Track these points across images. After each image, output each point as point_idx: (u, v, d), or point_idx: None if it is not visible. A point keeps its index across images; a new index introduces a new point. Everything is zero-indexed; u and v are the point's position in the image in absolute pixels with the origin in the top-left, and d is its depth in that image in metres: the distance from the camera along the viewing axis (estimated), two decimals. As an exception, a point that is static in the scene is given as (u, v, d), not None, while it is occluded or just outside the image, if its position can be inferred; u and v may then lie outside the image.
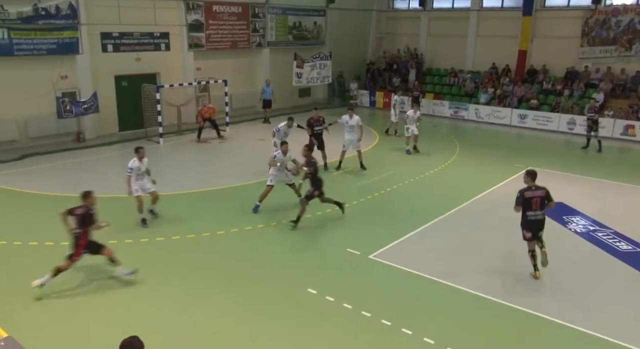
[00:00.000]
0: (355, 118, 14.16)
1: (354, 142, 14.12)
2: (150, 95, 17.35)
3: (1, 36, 14.94)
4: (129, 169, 9.88)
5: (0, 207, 11.16)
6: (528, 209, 8.22)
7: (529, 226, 8.29)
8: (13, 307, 7.24)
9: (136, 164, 9.91)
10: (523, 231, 8.38)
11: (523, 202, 8.18)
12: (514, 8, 23.45)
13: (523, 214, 8.28)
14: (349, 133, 14.11)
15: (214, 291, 7.84)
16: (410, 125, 16.00)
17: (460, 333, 6.87)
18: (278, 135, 13.28)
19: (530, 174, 8.38)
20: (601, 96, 20.04)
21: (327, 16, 25.25)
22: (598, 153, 17.08)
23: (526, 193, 8.22)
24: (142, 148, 10.13)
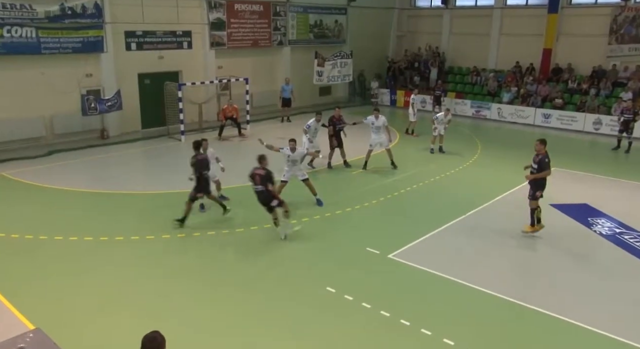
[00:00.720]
0: (382, 119, 14.14)
1: (382, 142, 14.11)
2: (172, 93, 17.56)
3: (29, 35, 15.29)
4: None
5: (27, 202, 11.41)
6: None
7: (545, 186, 9.55)
8: (39, 300, 7.41)
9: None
10: (541, 191, 9.51)
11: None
12: (539, 5, 23.03)
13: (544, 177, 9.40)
14: (376, 133, 14.10)
15: (233, 288, 7.88)
16: (438, 125, 15.87)
17: (480, 335, 6.78)
18: (309, 132, 13.54)
19: (543, 142, 9.66)
20: (629, 95, 19.54)
21: (348, 14, 25.18)
22: (625, 154, 16.66)
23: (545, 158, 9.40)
24: (204, 140, 10.93)
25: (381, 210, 11.31)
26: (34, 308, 7.14)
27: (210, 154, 10.84)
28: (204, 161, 10.16)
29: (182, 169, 14.44)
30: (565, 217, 10.96)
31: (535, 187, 9.61)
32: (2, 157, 14.68)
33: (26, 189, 12.30)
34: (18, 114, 15.61)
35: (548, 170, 9.40)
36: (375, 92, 25.62)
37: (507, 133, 20.10)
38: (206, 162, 10.21)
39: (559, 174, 14.18)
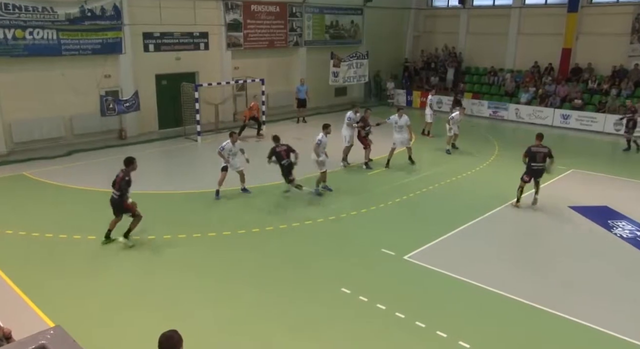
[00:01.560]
0: (404, 118, 14.41)
1: (404, 141, 14.48)
2: (189, 94, 17.71)
3: (50, 37, 15.57)
4: (221, 148, 11.72)
5: (48, 202, 11.62)
6: (533, 160, 10.96)
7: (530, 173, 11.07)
8: (59, 297, 7.54)
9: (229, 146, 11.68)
10: (524, 175, 11.11)
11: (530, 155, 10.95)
12: (559, 4, 22.69)
13: (528, 164, 11.00)
14: (398, 133, 14.38)
15: (249, 288, 7.92)
16: (453, 125, 15.98)
17: (497, 338, 6.70)
18: (350, 123, 14.25)
19: (538, 137, 11.25)
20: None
21: (365, 15, 25.12)
22: (638, 153, 16.51)
23: (532, 148, 11.00)
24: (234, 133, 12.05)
25: (397, 211, 11.26)
26: (54, 305, 7.27)
27: (237, 146, 11.82)
28: (281, 152, 11.38)
29: (197, 169, 14.60)
30: (584, 220, 10.78)
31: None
32: (23, 157, 14.97)
33: (46, 188, 12.51)
34: (38, 115, 15.89)
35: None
36: (392, 92, 25.51)
37: (525, 134, 19.81)
38: (282, 153, 11.40)
39: (578, 175, 13.97)
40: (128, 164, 9.13)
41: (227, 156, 11.72)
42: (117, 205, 9.07)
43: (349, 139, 14.30)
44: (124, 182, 8.95)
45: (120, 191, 8.95)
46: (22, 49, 15.14)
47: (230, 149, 11.73)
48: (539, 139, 11.16)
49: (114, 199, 9.07)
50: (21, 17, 14.90)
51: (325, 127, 12.24)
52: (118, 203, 9.04)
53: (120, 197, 8.98)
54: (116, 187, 8.97)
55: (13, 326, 4.84)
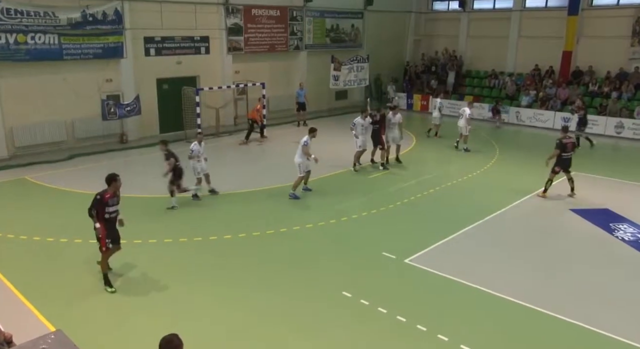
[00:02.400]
0: (398, 116, 14.85)
1: (395, 138, 14.80)
2: (190, 97, 17.75)
3: (52, 41, 15.63)
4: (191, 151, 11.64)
5: (49, 206, 11.63)
6: (564, 151, 11.76)
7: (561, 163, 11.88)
8: (60, 302, 7.53)
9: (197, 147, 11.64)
10: (555, 167, 11.92)
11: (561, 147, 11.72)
12: (559, 8, 22.75)
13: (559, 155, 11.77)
14: (391, 130, 14.72)
15: (248, 292, 7.91)
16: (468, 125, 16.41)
17: (498, 342, 6.69)
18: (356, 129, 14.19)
19: (565, 129, 12.38)
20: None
21: (365, 18, 25.18)
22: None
23: (564, 140, 11.81)
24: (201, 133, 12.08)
25: (398, 214, 11.26)
26: (55, 309, 7.27)
27: (203, 146, 11.84)
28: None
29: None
30: (586, 223, 10.77)
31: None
32: (24, 161, 15.00)
33: (47, 192, 12.53)
34: (40, 119, 15.94)
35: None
36: (392, 96, 25.54)
37: (525, 137, 19.84)
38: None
39: (579, 178, 13.93)
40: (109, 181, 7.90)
41: (196, 158, 11.66)
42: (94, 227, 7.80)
43: (360, 143, 14.28)
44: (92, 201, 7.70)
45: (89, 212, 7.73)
46: (24, 53, 15.19)
47: (199, 151, 11.70)
48: (565, 131, 12.24)
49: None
50: (23, 22, 14.97)
51: (312, 131, 12.15)
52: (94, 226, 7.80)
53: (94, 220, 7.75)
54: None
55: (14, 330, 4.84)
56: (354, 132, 14.24)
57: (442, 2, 27.46)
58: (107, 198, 7.72)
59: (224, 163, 15.90)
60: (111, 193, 7.81)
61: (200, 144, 11.78)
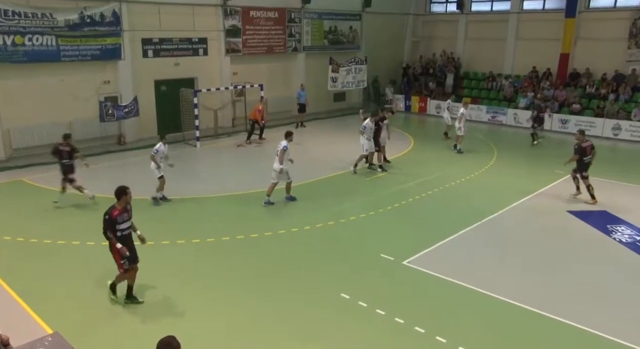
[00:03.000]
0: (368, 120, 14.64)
1: (383, 139, 14.61)
2: (188, 99, 17.75)
3: (50, 43, 15.60)
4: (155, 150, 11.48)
5: (46, 208, 11.58)
6: (584, 155, 11.75)
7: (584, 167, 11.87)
8: (58, 304, 7.51)
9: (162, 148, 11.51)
10: (582, 172, 11.88)
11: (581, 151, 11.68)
12: (556, 10, 22.81)
13: (580, 159, 11.73)
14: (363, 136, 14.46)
15: (247, 293, 7.90)
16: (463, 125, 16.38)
17: (496, 343, 6.69)
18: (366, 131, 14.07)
19: (582, 133, 12.07)
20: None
21: (363, 20, 25.21)
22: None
23: (583, 144, 11.72)
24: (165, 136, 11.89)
25: (396, 216, 11.26)
26: (52, 311, 7.24)
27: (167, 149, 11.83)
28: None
29: (196, 174, 14.60)
30: (583, 225, 10.79)
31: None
32: (22, 162, 14.96)
33: (45, 194, 12.49)
34: (37, 120, 15.89)
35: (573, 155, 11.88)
36: (390, 98, 25.58)
37: (523, 139, 19.85)
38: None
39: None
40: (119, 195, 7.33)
41: (159, 160, 11.51)
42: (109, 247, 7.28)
43: (367, 147, 14.14)
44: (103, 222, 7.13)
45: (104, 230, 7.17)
46: (22, 55, 15.16)
47: (164, 152, 11.62)
48: (583, 134, 11.98)
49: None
50: (21, 24, 14.95)
51: (288, 135, 11.58)
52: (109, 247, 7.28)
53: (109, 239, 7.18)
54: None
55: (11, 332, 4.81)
56: (365, 136, 14.02)
57: (440, 4, 27.52)
58: (115, 215, 7.08)
59: (222, 164, 15.92)
60: (120, 209, 7.15)
61: (165, 146, 11.65)
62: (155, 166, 11.51)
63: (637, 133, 19.01)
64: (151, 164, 11.57)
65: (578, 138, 11.93)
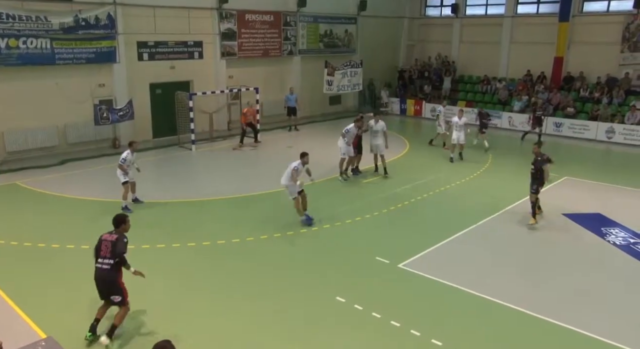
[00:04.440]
0: (380, 123, 14.28)
1: (379, 147, 14.23)
2: (184, 102, 17.72)
3: (44, 46, 15.55)
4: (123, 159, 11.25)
5: (40, 211, 11.54)
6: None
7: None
8: (52, 308, 7.47)
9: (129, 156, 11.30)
10: (539, 187, 10.85)
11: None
12: (550, 14, 22.97)
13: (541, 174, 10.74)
14: (374, 138, 14.27)
15: (243, 297, 7.88)
16: (458, 132, 15.84)
17: (492, 346, 6.70)
18: (348, 135, 13.74)
19: (538, 145, 11.17)
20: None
21: (359, 24, 25.29)
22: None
23: (544, 156, 10.81)
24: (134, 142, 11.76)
25: (391, 219, 11.27)
26: (46, 316, 7.20)
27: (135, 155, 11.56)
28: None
29: (190, 178, 14.57)
30: (578, 227, 10.83)
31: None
32: (16, 166, 14.88)
33: (39, 197, 12.44)
34: (32, 124, 15.83)
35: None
36: (386, 101, 25.65)
37: (518, 142, 19.95)
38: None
39: (572, 183, 14.06)
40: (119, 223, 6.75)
41: (127, 167, 11.29)
42: (110, 281, 6.54)
43: (344, 151, 13.90)
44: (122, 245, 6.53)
45: (113, 258, 6.47)
46: (16, 58, 15.11)
47: (131, 160, 11.41)
48: (540, 147, 11.17)
49: (103, 272, 6.49)
50: (15, 27, 14.90)
51: (303, 156, 10.73)
52: (111, 279, 6.52)
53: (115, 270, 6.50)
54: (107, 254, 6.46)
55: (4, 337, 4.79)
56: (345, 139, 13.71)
57: (435, 8, 27.65)
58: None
59: (218, 168, 15.89)
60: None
61: (132, 154, 11.42)
62: (121, 172, 11.27)
63: (630, 136, 19.14)
64: (117, 171, 11.34)
65: (536, 152, 10.95)
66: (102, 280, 6.53)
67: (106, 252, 6.49)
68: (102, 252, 6.50)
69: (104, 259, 6.47)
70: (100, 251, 6.53)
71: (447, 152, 16.69)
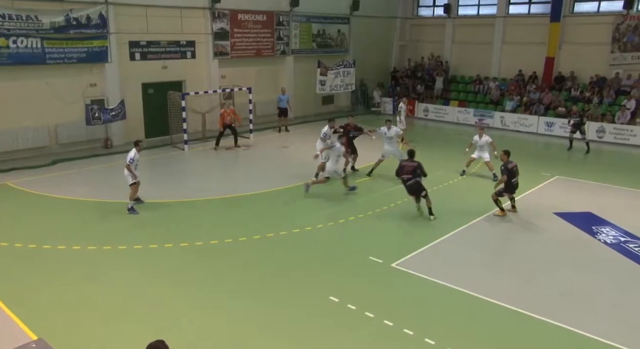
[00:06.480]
0: (394, 129, 14.35)
1: (395, 153, 14.27)
2: (176, 102, 17.64)
3: (35, 45, 15.42)
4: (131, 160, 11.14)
5: (31, 212, 11.44)
6: (513, 177, 11.10)
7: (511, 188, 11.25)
8: (42, 309, 7.40)
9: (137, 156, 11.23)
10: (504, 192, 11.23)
11: (508, 173, 11.01)
12: (541, 14, 23.12)
13: (508, 181, 11.06)
14: (388, 144, 14.25)
15: (236, 297, 7.86)
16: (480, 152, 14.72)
17: (485, 345, 6.73)
18: (324, 139, 13.58)
19: (506, 153, 11.27)
20: (632, 103, 19.56)
21: (351, 24, 25.31)
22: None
23: (509, 165, 11.06)
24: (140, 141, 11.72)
25: (384, 219, 11.29)
26: (36, 317, 7.14)
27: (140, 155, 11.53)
28: (405, 167, 11.43)
29: (183, 178, 14.52)
30: (569, 226, 10.91)
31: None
32: (6, 166, 14.75)
33: (30, 198, 12.34)
34: (23, 124, 15.69)
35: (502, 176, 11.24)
36: (378, 101, 25.69)
37: (510, 141, 20.03)
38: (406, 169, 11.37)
39: (563, 182, 14.16)
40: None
41: (135, 168, 11.14)
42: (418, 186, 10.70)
43: (325, 155, 13.50)
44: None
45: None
46: (6, 57, 14.97)
47: (138, 160, 11.30)
48: (507, 155, 11.21)
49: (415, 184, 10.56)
50: (5, 26, 14.76)
51: (330, 121, 12.52)
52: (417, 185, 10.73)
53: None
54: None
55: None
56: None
57: (427, 8, 27.74)
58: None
59: (210, 168, 15.84)
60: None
61: (139, 153, 11.33)
62: (129, 173, 11.16)
63: (620, 136, 19.32)
64: (124, 171, 11.22)
65: (502, 158, 11.20)
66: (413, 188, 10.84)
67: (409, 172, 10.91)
68: (406, 172, 10.92)
69: (408, 177, 10.86)
70: (403, 171, 11.03)
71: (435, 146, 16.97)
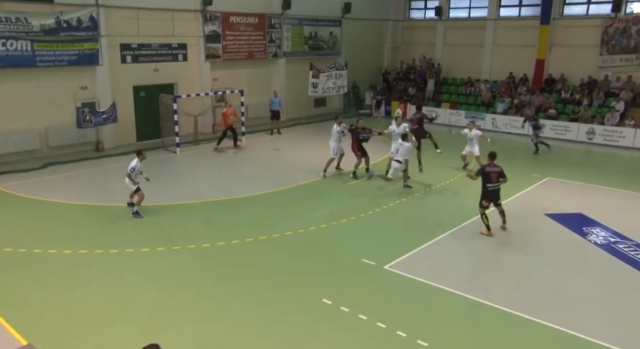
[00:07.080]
0: (402, 126, 14.56)
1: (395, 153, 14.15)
2: (168, 105, 17.58)
3: (24, 48, 15.30)
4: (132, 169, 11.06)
5: (22, 216, 11.34)
6: (488, 182, 10.29)
7: (488, 196, 10.36)
8: (33, 314, 7.34)
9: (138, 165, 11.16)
10: (482, 201, 10.41)
11: (483, 176, 10.28)
12: (532, 17, 23.32)
13: (483, 186, 10.34)
14: (396, 142, 14.14)
15: (229, 300, 7.84)
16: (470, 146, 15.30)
17: (478, 346, 6.76)
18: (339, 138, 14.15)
19: (490, 156, 10.51)
20: (621, 104, 19.76)
21: (343, 26, 25.37)
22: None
23: (486, 169, 10.34)
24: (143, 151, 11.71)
25: (377, 221, 11.31)
26: (27, 322, 7.07)
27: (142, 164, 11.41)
28: (490, 174, 10.43)
29: (175, 181, 14.46)
30: (560, 227, 11.00)
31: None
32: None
33: (20, 202, 12.23)
34: (13, 127, 15.56)
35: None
36: (370, 103, 25.75)
37: (501, 143, 20.17)
38: (491, 175, 10.37)
39: (554, 183, 14.27)
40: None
41: (135, 177, 11.10)
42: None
43: (336, 150, 14.26)
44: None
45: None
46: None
47: (140, 169, 11.25)
48: (492, 159, 10.42)
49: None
50: (-6, 28, 14.66)
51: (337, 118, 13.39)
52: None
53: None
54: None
55: (-16, 345, 4.70)
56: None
57: (419, 11, 27.89)
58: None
59: (202, 171, 15.79)
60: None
61: (140, 162, 11.24)
62: (130, 182, 11.09)
63: (610, 137, 19.51)
64: (126, 179, 11.15)
65: (487, 161, 10.54)
66: (495, 196, 10.30)
67: (495, 180, 10.19)
68: (493, 180, 10.13)
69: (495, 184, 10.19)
70: (491, 179, 10.09)
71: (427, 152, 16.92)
